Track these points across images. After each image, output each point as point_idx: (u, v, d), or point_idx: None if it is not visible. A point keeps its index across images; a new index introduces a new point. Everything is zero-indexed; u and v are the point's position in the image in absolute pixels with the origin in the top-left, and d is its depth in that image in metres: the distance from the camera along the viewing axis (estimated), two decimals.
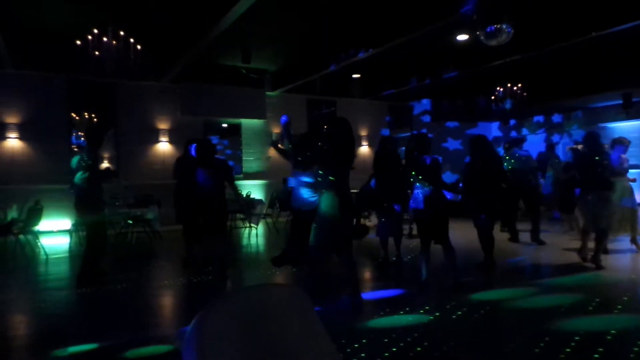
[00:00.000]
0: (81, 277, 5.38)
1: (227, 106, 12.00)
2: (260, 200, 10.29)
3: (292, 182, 5.07)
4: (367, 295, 4.75)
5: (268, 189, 12.34)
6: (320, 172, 4.25)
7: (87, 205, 5.45)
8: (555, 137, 16.04)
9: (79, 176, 5.34)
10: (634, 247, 6.70)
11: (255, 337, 1.09)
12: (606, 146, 6.82)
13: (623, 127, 13.71)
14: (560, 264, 6.10)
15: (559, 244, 7.43)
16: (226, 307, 1.10)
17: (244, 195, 10.36)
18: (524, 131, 16.45)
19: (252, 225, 9.79)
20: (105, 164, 10.92)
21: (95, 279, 5.45)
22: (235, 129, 12.71)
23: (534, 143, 15.85)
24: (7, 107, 10.03)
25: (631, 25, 7.37)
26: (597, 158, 5.64)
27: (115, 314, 4.44)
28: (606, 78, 11.18)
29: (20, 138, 10.11)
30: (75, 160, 5.52)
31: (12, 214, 8.02)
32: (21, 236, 7.41)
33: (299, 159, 4.93)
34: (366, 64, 10.11)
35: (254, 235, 9.64)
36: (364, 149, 14.31)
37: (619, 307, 4.15)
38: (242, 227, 10.39)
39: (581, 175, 5.89)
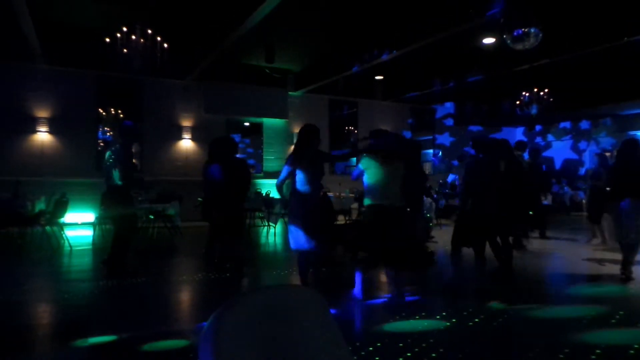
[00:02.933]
0: (112, 268, 5.54)
1: (249, 105, 12.11)
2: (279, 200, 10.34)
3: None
4: (383, 298, 4.73)
5: (288, 188, 12.38)
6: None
7: (118, 199, 5.55)
8: (582, 144, 15.65)
9: (116, 175, 5.42)
10: None
11: (271, 338, 1.10)
12: None
13: None
14: (583, 274, 5.95)
15: (583, 254, 7.25)
16: (243, 306, 1.12)
17: (264, 195, 10.45)
18: (550, 137, 16.11)
19: (271, 224, 9.85)
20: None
21: (123, 270, 5.58)
22: (257, 128, 12.82)
23: (559, 150, 15.51)
24: (38, 102, 10.34)
25: None
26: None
27: (135, 307, 4.53)
28: (637, 84, 10.85)
29: (50, 132, 10.41)
30: (107, 155, 5.51)
31: (40, 205, 8.27)
32: (47, 227, 7.63)
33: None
34: (389, 65, 10.07)
35: (272, 234, 9.70)
36: None
37: None
38: (261, 226, 10.46)
39: (616, 182, 5.49)
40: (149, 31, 7.32)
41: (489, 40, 8.53)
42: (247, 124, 13.06)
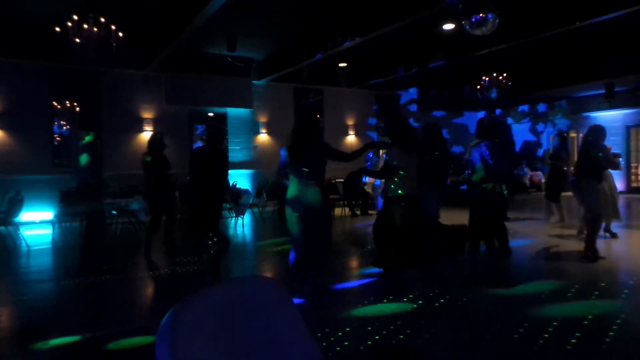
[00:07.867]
0: (84, 265, 5.55)
1: (212, 95, 11.87)
2: (246, 190, 10.24)
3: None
4: (352, 284, 4.80)
5: (254, 178, 12.30)
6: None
7: (88, 196, 5.45)
8: (539, 126, 16.23)
9: (84, 159, 5.33)
10: (607, 234, 6.81)
11: (231, 331, 1.09)
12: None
13: (606, 116, 13.93)
14: (543, 251, 6.21)
15: (543, 232, 7.56)
16: (201, 301, 1.10)
17: (230, 186, 10.29)
18: (509, 120, 16.59)
19: (240, 216, 9.76)
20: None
21: (96, 266, 5.56)
22: (221, 118, 12.60)
23: (518, 132, 16.00)
24: None
25: (614, 16, 7.45)
26: (600, 154, 5.70)
27: (99, 306, 4.41)
28: (589, 68, 11.30)
29: (1, 127, 9.89)
30: (83, 157, 5.58)
31: None
32: (2, 227, 7.30)
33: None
34: (353, 52, 10.06)
35: (241, 225, 9.62)
36: (351, 138, 14.31)
37: (597, 293, 4.25)
38: (229, 217, 10.35)
39: (582, 164, 5.82)
40: (102, 20, 7.01)
41: (449, 26, 8.63)
42: (210, 114, 12.81)
